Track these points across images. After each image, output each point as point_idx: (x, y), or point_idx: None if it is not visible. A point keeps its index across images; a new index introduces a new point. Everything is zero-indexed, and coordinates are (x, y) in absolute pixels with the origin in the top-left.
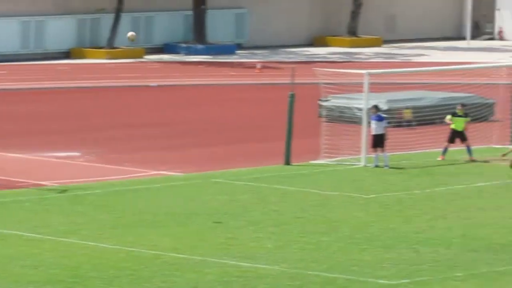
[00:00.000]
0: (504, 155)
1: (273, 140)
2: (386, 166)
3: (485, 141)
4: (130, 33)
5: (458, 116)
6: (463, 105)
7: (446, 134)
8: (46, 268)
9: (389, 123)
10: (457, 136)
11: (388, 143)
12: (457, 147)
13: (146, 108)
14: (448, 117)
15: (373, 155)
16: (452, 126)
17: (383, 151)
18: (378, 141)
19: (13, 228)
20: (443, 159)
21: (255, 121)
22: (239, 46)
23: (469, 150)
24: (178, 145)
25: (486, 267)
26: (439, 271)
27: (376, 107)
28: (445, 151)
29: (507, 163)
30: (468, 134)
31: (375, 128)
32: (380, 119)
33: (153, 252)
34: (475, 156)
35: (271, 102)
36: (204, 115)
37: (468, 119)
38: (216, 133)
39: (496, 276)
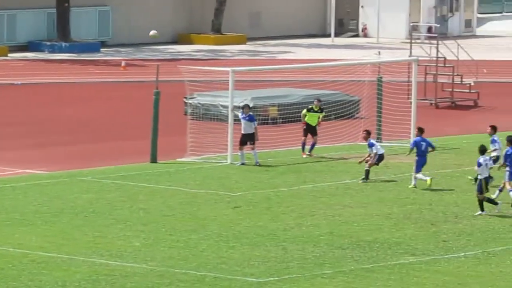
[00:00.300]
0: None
1: (139, 138)
2: (257, 162)
3: (351, 138)
4: (152, 32)
5: (314, 112)
6: (319, 100)
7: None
8: None
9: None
10: (309, 130)
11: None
12: (324, 145)
13: (10, 107)
14: (304, 112)
15: (239, 152)
16: (306, 119)
17: (253, 148)
18: (247, 140)
19: None
20: (305, 155)
21: (121, 119)
22: (104, 44)
23: (312, 146)
24: (43, 143)
25: (354, 264)
26: (307, 268)
27: (248, 107)
28: (303, 146)
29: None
30: (334, 131)
31: (245, 127)
32: (251, 119)
33: (20, 250)
34: (343, 153)
35: (137, 100)
36: (69, 113)
37: (323, 114)
38: (82, 131)
39: (363, 273)
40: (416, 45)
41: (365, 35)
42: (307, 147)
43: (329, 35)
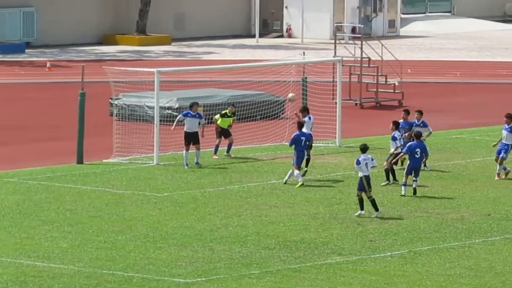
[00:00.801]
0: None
1: (65, 139)
2: (197, 163)
3: (277, 139)
4: (290, 95)
5: (227, 117)
6: (234, 106)
7: (236, 131)
8: None
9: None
10: (223, 133)
11: (180, 141)
12: (250, 145)
13: None
14: (217, 116)
15: (184, 153)
16: (218, 123)
17: (198, 148)
18: (191, 139)
19: None
20: (216, 157)
21: (47, 120)
22: (29, 45)
23: (229, 146)
24: None
25: (281, 264)
26: (234, 268)
27: (197, 104)
28: (216, 148)
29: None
30: (261, 132)
31: (190, 125)
32: (200, 117)
33: None
34: (270, 153)
35: (62, 101)
36: None
37: (234, 118)
38: (7, 133)
39: (290, 273)
40: (340, 46)
41: (290, 36)
42: (222, 148)
43: (253, 36)
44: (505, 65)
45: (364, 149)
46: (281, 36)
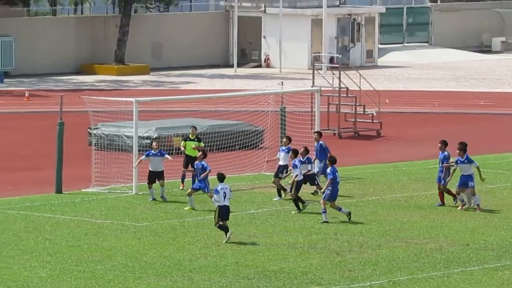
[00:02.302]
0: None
1: (43, 169)
2: (163, 198)
3: (256, 169)
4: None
5: (191, 140)
6: (195, 128)
7: (215, 160)
8: None
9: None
10: (190, 161)
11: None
12: (229, 175)
13: None
14: (182, 143)
15: (148, 190)
16: (186, 151)
17: (162, 185)
18: (155, 177)
19: None
20: (183, 187)
21: (25, 150)
22: (7, 74)
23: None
24: None
25: None
26: None
27: (157, 141)
28: (183, 178)
29: (274, 190)
30: (239, 162)
31: (154, 165)
32: (162, 154)
33: None
34: (248, 183)
35: (41, 130)
36: None
37: (201, 143)
38: None
39: None
40: (318, 76)
41: (268, 66)
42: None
43: (231, 66)
44: (482, 95)
45: (221, 178)
46: (259, 66)
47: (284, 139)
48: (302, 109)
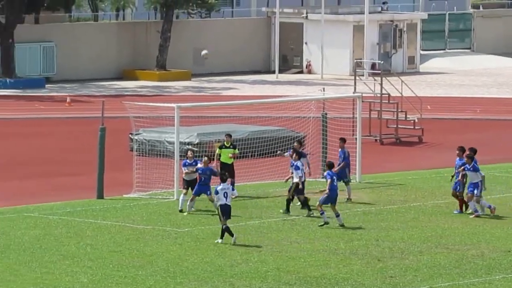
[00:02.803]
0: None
1: (85, 174)
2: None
3: None
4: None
5: (226, 148)
6: (229, 135)
7: (255, 166)
8: None
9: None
10: (225, 169)
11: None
12: (270, 181)
13: None
14: (217, 150)
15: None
16: (221, 158)
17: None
18: (190, 185)
19: None
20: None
21: (67, 155)
22: (48, 80)
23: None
24: None
25: None
26: None
27: (192, 151)
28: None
29: (316, 196)
30: (280, 168)
31: (189, 174)
32: (195, 163)
33: None
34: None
35: (82, 135)
36: (14, 149)
37: (236, 150)
38: (28, 167)
39: None
40: (360, 82)
41: (309, 72)
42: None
43: (273, 72)
44: None
45: (223, 179)
46: (301, 72)
47: (295, 143)
48: (343, 115)
